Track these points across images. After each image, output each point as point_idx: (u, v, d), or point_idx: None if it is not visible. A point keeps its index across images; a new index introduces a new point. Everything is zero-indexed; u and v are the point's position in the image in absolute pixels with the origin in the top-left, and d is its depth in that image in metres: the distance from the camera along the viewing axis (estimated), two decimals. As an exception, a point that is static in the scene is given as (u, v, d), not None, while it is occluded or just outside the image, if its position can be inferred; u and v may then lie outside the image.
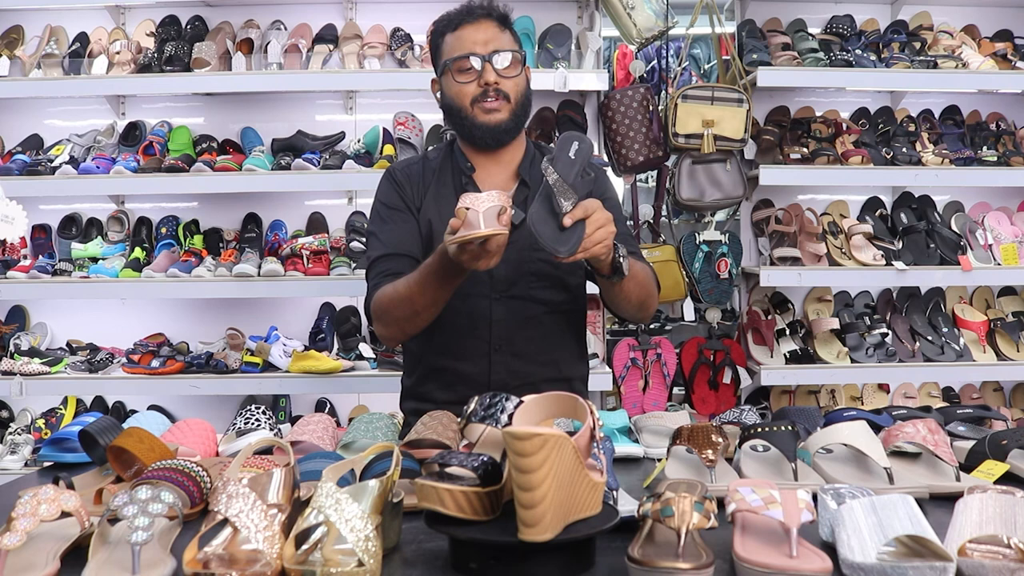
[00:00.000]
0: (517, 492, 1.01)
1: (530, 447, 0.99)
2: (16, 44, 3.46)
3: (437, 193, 1.91)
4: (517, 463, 1.00)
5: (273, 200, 3.48)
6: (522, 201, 1.85)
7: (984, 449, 1.58)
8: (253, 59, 3.32)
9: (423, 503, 1.10)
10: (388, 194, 1.93)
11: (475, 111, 1.83)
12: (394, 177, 1.95)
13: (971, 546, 1.09)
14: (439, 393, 1.87)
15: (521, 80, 1.86)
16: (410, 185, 1.92)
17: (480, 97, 1.82)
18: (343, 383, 3.14)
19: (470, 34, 1.83)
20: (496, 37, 1.83)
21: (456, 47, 1.84)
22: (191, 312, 3.47)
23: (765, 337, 3.33)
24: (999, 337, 3.44)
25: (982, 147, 3.47)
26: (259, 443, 1.39)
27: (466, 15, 1.85)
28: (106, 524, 1.18)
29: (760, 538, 1.13)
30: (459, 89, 1.83)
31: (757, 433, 1.51)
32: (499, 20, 1.86)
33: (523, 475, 1.00)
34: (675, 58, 3.73)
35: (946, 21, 3.59)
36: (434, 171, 1.95)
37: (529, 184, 1.89)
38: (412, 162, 2.00)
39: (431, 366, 1.91)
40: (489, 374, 1.84)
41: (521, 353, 1.85)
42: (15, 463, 3.15)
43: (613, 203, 1.92)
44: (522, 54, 1.87)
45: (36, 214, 3.45)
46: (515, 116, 1.85)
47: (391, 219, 1.89)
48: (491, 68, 1.80)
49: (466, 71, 1.82)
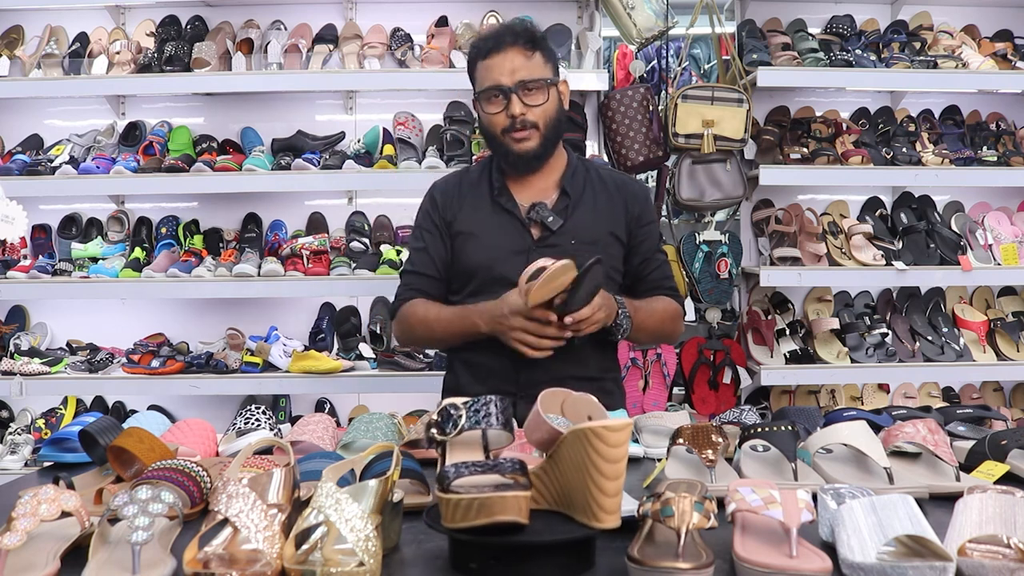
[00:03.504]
0: (600, 482, 1.05)
1: (623, 437, 1.05)
2: (16, 44, 3.46)
3: (472, 204, 2.00)
4: (606, 454, 1.05)
5: (273, 200, 3.48)
6: (562, 209, 1.93)
7: (984, 449, 1.58)
8: (253, 59, 3.32)
9: (492, 518, 1.05)
10: (425, 214, 2.05)
11: (506, 140, 1.90)
12: (433, 196, 2.05)
13: (971, 546, 1.09)
14: (474, 388, 1.92)
15: (550, 106, 1.90)
16: (446, 201, 2.02)
17: (509, 128, 1.88)
18: (343, 383, 3.15)
19: (498, 64, 1.87)
20: (523, 65, 1.87)
21: (485, 77, 1.90)
22: (191, 312, 3.47)
23: (765, 337, 3.33)
24: (999, 337, 3.44)
25: (982, 147, 3.47)
26: (259, 443, 1.39)
27: (493, 45, 1.89)
28: (106, 524, 1.18)
29: (760, 538, 1.13)
30: (489, 119, 1.91)
31: (757, 433, 1.51)
32: (528, 44, 1.89)
33: (611, 464, 1.05)
34: (675, 58, 3.73)
35: (946, 21, 3.59)
36: (472, 185, 2.03)
37: (570, 194, 1.95)
38: (451, 177, 2.10)
39: (466, 361, 1.99)
40: (518, 370, 1.87)
41: (553, 354, 1.81)
42: (15, 463, 3.15)
43: (653, 228, 2.06)
44: (552, 77, 1.91)
45: (36, 214, 3.45)
46: (545, 141, 1.91)
47: (423, 239, 2.02)
48: (517, 100, 1.86)
49: (495, 101, 1.89)
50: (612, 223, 1.97)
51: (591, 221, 1.95)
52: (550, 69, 1.93)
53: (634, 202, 2.01)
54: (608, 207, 1.98)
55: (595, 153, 3.36)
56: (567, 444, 1.11)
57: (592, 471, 1.06)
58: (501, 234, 1.94)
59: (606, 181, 2.03)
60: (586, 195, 1.98)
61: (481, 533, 1.07)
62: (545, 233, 1.92)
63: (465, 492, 1.06)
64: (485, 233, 1.96)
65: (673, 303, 2.04)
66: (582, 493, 1.08)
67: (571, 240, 1.91)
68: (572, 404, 1.27)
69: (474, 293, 1.94)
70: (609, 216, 1.97)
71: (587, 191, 1.98)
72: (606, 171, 2.07)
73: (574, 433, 1.09)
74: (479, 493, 1.05)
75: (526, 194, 1.96)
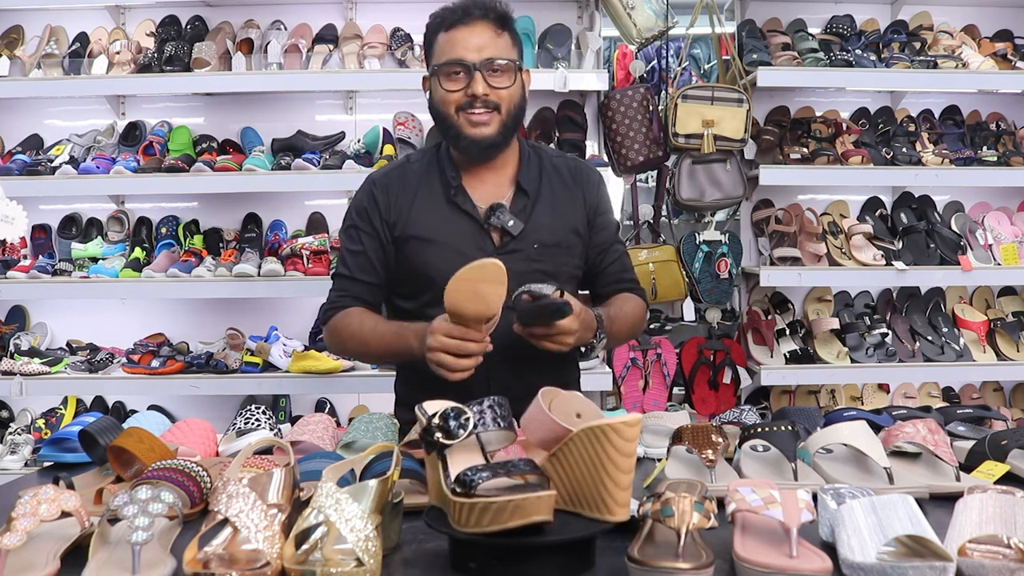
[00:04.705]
0: (615, 476, 1.09)
1: (636, 432, 1.09)
2: (16, 44, 3.46)
3: (424, 204, 1.83)
4: (622, 448, 1.08)
5: (273, 200, 3.48)
6: (520, 210, 1.81)
7: (984, 449, 1.58)
8: (253, 59, 3.32)
9: (528, 519, 1.04)
10: (362, 212, 1.86)
11: (461, 119, 1.74)
12: (372, 193, 1.86)
13: (971, 546, 1.09)
14: (426, 396, 1.80)
15: (515, 90, 1.76)
16: (388, 200, 1.84)
17: (467, 105, 1.73)
18: (343, 383, 3.14)
19: (463, 37, 1.72)
20: (491, 42, 1.72)
21: (447, 50, 1.73)
22: (191, 312, 3.47)
23: (765, 337, 3.33)
24: (999, 337, 3.44)
25: (982, 147, 3.47)
26: (259, 443, 1.40)
27: (462, 15, 1.73)
28: (106, 524, 1.18)
29: (760, 538, 1.13)
30: (444, 96, 1.74)
31: (757, 433, 1.51)
32: (497, 21, 1.75)
33: (625, 458, 1.09)
34: (675, 58, 3.73)
35: (946, 21, 3.59)
36: (419, 178, 1.86)
37: (528, 192, 1.82)
38: (392, 169, 1.91)
39: (423, 374, 1.65)
40: (486, 383, 1.67)
41: (516, 364, 1.73)
42: (15, 463, 3.15)
43: (609, 217, 1.95)
44: (518, 61, 1.78)
45: (36, 214, 3.45)
46: (504, 128, 1.76)
47: (360, 240, 1.85)
48: (481, 78, 1.71)
49: (455, 78, 1.73)
50: (573, 219, 1.86)
51: (552, 222, 1.83)
52: (516, 53, 1.78)
53: (591, 191, 1.90)
54: (567, 202, 1.86)
55: (595, 153, 3.36)
56: (577, 441, 1.12)
57: (607, 465, 1.08)
58: (460, 239, 1.79)
59: (560, 171, 1.89)
60: (543, 191, 1.85)
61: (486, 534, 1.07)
62: (506, 239, 1.79)
63: (496, 495, 1.06)
64: (443, 238, 1.79)
65: (640, 303, 1.95)
66: (594, 488, 1.10)
67: (533, 244, 1.80)
68: (561, 403, 1.27)
69: (432, 303, 1.73)
70: (569, 213, 1.86)
71: (544, 186, 1.85)
72: (559, 159, 1.93)
73: (587, 430, 1.11)
74: (512, 495, 1.05)
75: (481, 191, 1.81)
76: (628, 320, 1.88)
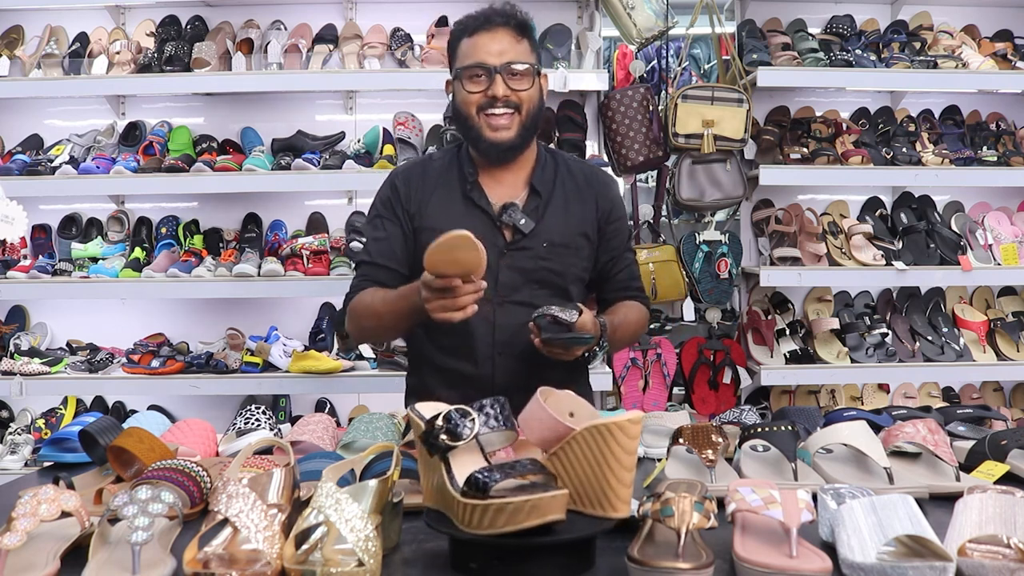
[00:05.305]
0: (618, 474, 1.11)
1: (639, 430, 1.12)
2: (16, 44, 3.46)
3: (441, 198, 1.90)
4: (626, 445, 1.10)
5: (273, 200, 3.48)
6: (533, 209, 1.87)
7: (984, 449, 1.58)
8: (253, 59, 3.32)
9: (544, 518, 1.05)
10: (386, 202, 1.93)
11: (481, 121, 1.82)
12: (395, 184, 1.94)
13: (971, 546, 1.09)
14: (444, 392, 1.86)
15: (534, 92, 1.83)
16: (409, 191, 1.91)
17: (487, 106, 1.80)
18: (343, 383, 3.14)
19: (485, 43, 1.80)
20: (511, 47, 1.81)
21: (469, 54, 1.82)
22: (191, 312, 3.47)
23: (765, 337, 3.33)
24: (999, 337, 3.44)
25: (982, 147, 3.47)
26: (259, 443, 1.40)
27: (484, 22, 1.82)
28: (106, 524, 1.18)
29: (760, 538, 1.13)
30: (466, 96, 1.82)
31: (757, 433, 1.51)
32: (517, 28, 1.83)
33: (629, 456, 1.11)
34: (675, 58, 3.73)
35: (946, 21, 3.59)
36: (439, 174, 1.93)
37: (541, 193, 1.89)
38: (414, 164, 2.00)
39: (436, 366, 1.92)
40: (493, 376, 1.85)
41: (524, 357, 1.83)
42: (15, 463, 3.15)
43: (622, 224, 2.00)
44: (537, 66, 1.85)
45: (36, 214, 3.45)
46: (523, 130, 1.84)
47: (382, 227, 1.92)
48: (501, 81, 1.79)
49: (476, 80, 1.81)
50: (583, 223, 1.92)
51: (563, 223, 1.90)
52: (535, 59, 1.87)
53: (604, 198, 1.96)
54: (579, 206, 1.93)
55: (595, 153, 3.36)
56: (580, 440, 1.13)
57: (612, 463, 1.10)
58: (473, 233, 1.86)
59: (576, 175, 1.96)
60: (556, 193, 1.92)
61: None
62: (517, 236, 1.86)
63: (512, 496, 1.06)
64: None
65: (644, 312, 2.01)
66: (597, 485, 1.12)
67: (543, 243, 1.87)
68: (555, 401, 1.28)
69: None
70: (580, 216, 1.92)
71: (557, 189, 1.92)
72: (575, 164, 2.01)
73: (590, 428, 1.12)
74: (528, 495, 1.05)
75: (497, 191, 1.89)
76: (631, 328, 1.95)
